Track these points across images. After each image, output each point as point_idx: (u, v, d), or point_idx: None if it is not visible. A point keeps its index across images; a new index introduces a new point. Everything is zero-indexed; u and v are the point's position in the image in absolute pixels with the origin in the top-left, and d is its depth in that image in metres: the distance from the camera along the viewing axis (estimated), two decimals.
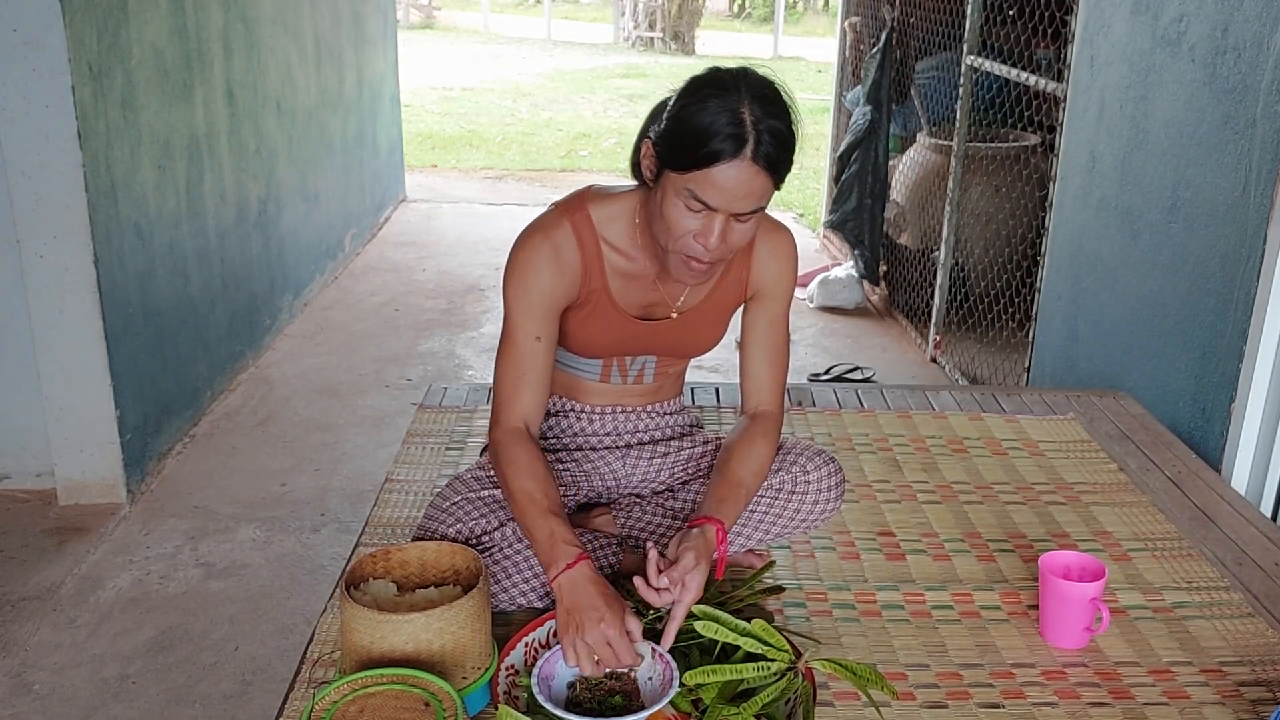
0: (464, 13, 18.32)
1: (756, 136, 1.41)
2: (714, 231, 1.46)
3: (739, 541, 1.75)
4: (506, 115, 10.36)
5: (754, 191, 1.44)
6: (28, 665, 2.46)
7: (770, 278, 1.70)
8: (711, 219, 1.46)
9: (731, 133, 1.40)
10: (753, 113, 1.41)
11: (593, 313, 1.66)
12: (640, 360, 1.76)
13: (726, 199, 1.44)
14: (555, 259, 1.60)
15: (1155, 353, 2.70)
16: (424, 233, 6.26)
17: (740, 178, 1.42)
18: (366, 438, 3.64)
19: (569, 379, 1.78)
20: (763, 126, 1.41)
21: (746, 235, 1.51)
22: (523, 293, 1.60)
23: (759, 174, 1.42)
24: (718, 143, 1.41)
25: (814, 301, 5.14)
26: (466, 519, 1.64)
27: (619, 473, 1.81)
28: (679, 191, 1.46)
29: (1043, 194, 3.71)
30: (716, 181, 1.42)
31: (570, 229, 1.61)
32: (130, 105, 3.16)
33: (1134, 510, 2.05)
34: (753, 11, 19.48)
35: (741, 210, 1.45)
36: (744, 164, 1.41)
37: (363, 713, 1.25)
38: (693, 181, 1.44)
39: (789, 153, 1.45)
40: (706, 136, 1.41)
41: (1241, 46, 2.37)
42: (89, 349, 2.99)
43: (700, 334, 1.73)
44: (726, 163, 1.41)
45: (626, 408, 1.81)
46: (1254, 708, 1.49)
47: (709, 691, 1.37)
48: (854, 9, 5.81)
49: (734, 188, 1.43)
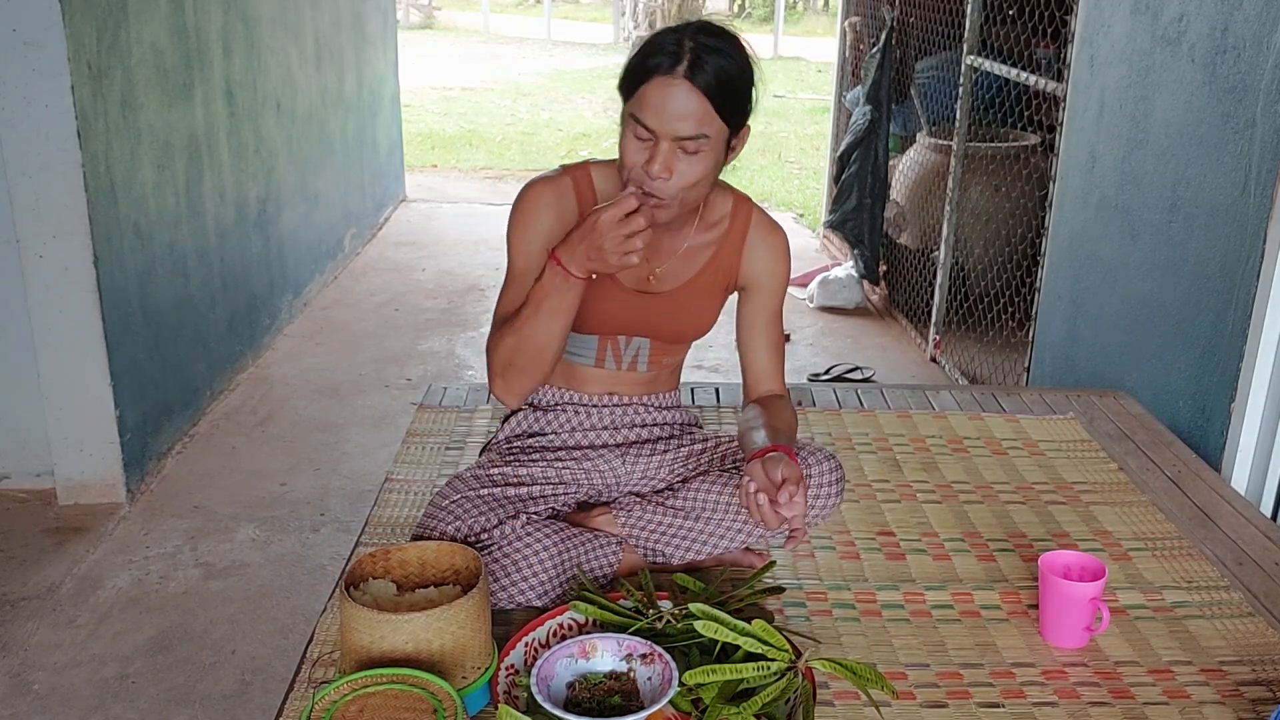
0: (464, 13, 18.32)
1: (693, 57, 1.48)
2: (658, 157, 1.51)
3: (739, 539, 1.74)
4: (506, 115, 10.36)
5: (690, 113, 1.49)
6: (28, 665, 2.46)
7: (763, 269, 1.75)
8: (657, 146, 1.51)
9: (669, 51, 1.49)
10: (694, 40, 1.50)
11: None
12: (634, 344, 1.78)
13: (662, 119, 1.49)
14: (556, 204, 1.68)
15: (1155, 353, 2.70)
16: (424, 233, 6.26)
17: (674, 94, 1.48)
18: (366, 438, 3.64)
19: (565, 365, 1.80)
20: (702, 53, 1.49)
21: (696, 172, 1.54)
22: (522, 234, 1.68)
23: (694, 94, 1.48)
24: (653, 60, 1.50)
25: (814, 301, 5.14)
26: (466, 517, 1.64)
27: (619, 470, 1.81)
28: (627, 120, 1.54)
29: (1042, 194, 3.71)
30: (651, 99, 1.49)
31: (571, 183, 1.69)
32: (130, 105, 3.16)
33: (1134, 510, 2.05)
34: (753, 11, 19.48)
35: (680, 133, 1.50)
36: (677, 81, 1.48)
37: (362, 713, 1.25)
38: (635, 106, 1.52)
39: (729, 85, 1.51)
40: (645, 57, 1.51)
41: (1241, 46, 2.37)
42: (89, 349, 2.99)
43: (690, 315, 1.76)
44: (661, 78, 1.49)
45: (622, 398, 1.82)
46: (1254, 707, 1.49)
47: (709, 691, 1.37)
48: (854, 9, 5.81)
49: (668, 105, 1.49)
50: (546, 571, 1.60)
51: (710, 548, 1.74)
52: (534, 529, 1.62)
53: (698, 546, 1.73)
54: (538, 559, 1.60)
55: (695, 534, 1.72)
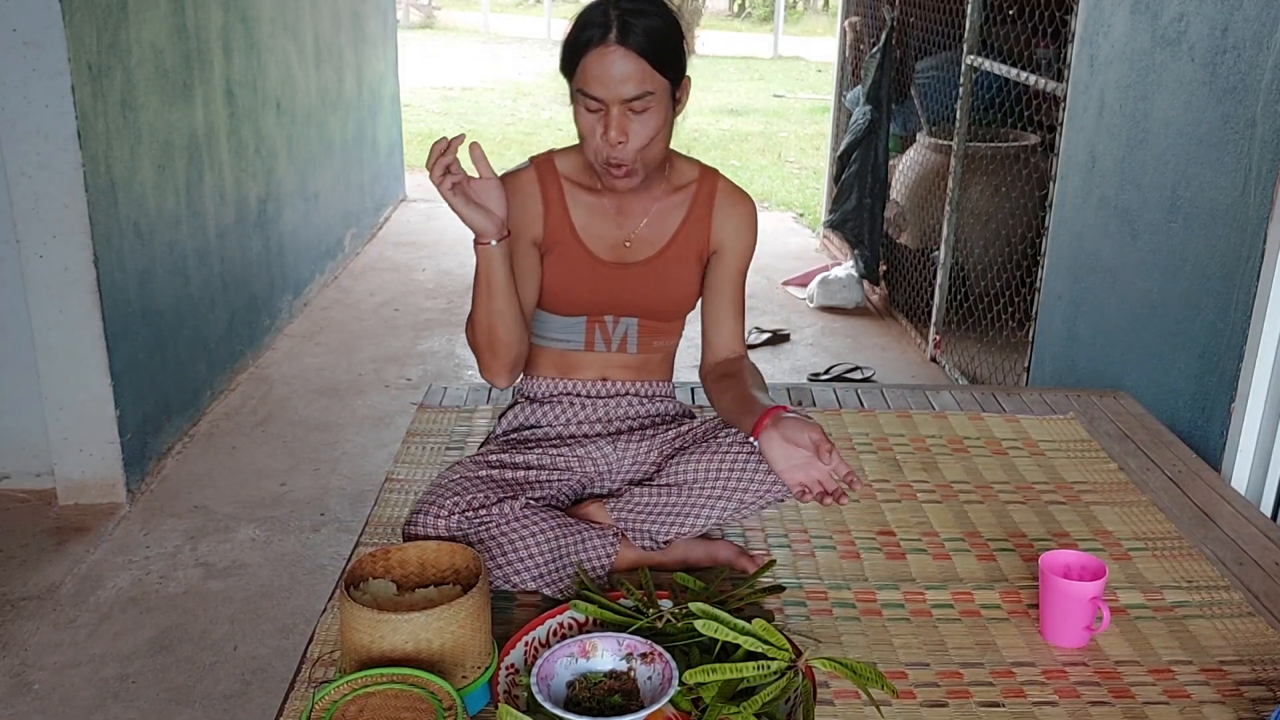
0: (464, 13, 18.32)
1: (621, 23, 1.57)
2: (611, 124, 1.60)
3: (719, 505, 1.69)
4: (506, 115, 10.36)
5: (630, 75, 1.58)
6: (28, 665, 2.46)
7: (730, 232, 1.81)
8: (608, 114, 1.60)
9: (598, 22, 1.58)
10: (618, 7, 1.59)
11: (564, 254, 1.77)
12: (622, 324, 1.81)
13: (605, 86, 1.58)
14: (519, 194, 1.73)
15: (1155, 353, 2.70)
16: (424, 233, 6.26)
17: (610, 60, 1.58)
18: (366, 438, 3.64)
19: (557, 354, 1.84)
20: (628, 16, 1.58)
21: (650, 128, 1.62)
22: None
23: (629, 56, 1.57)
24: (585, 34, 1.59)
25: (814, 301, 5.14)
26: (464, 494, 1.65)
27: (610, 458, 1.81)
28: (576, 97, 1.63)
29: (1043, 194, 3.71)
30: (592, 70, 1.59)
31: (534, 170, 1.78)
32: (130, 105, 3.16)
33: (1134, 510, 2.05)
34: (753, 11, 19.48)
35: (625, 95, 1.59)
36: (611, 48, 1.57)
37: (362, 712, 1.25)
38: (579, 80, 1.61)
39: (660, 41, 1.60)
40: (577, 32, 1.60)
41: (1241, 46, 2.37)
42: (89, 349, 3.00)
43: (670, 285, 1.80)
44: (596, 49, 1.58)
45: (615, 384, 1.85)
46: (1254, 707, 1.49)
47: (709, 691, 1.37)
48: (854, 9, 5.81)
49: (608, 72, 1.58)
50: (543, 554, 1.63)
51: (694, 519, 1.69)
52: (532, 512, 1.65)
53: (682, 520, 1.69)
54: (535, 541, 1.63)
55: (679, 508, 1.69)
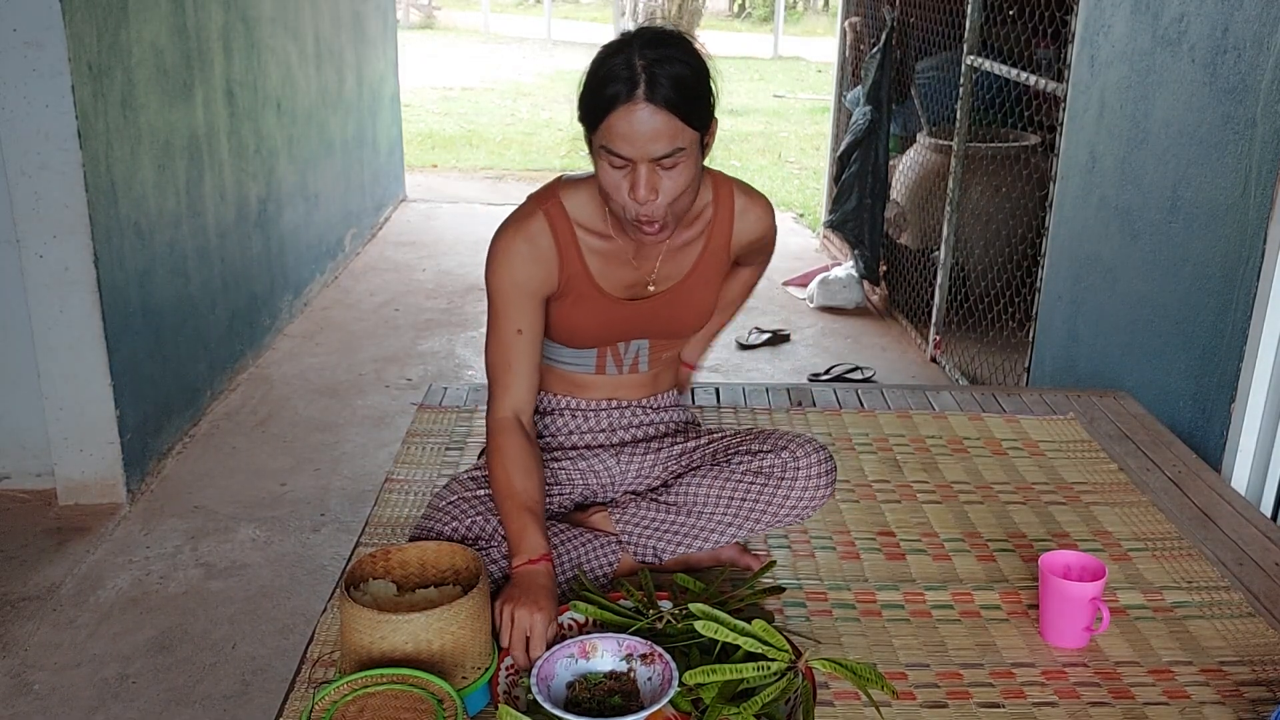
0: (464, 13, 18.32)
1: (649, 78, 1.46)
2: (640, 183, 1.49)
3: (731, 533, 1.72)
4: (506, 115, 10.36)
5: (660, 133, 1.47)
6: (28, 665, 2.46)
7: (755, 235, 1.78)
8: (635, 171, 1.49)
9: (624, 77, 1.46)
10: (644, 57, 1.46)
11: (578, 300, 1.68)
12: (634, 346, 1.77)
13: (634, 145, 1.47)
14: (531, 251, 1.64)
15: (1155, 353, 2.70)
16: (424, 233, 6.26)
17: (639, 118, 1.46)
18: (366, 438, 3.64)
19: (567, 376, 1.79)
20: (655, 69, 1.46)
21: (680, 184, 1.52)
22: (501, 287, 1.65)
23: (659, 114, 1.46)
24: (611, 89, 1.47)
25: (814, 301, 5.14)
26: (464, 517, 1.64)
27: (614, 470, 1.80)
28: (599, 152, 1.52)
29: (1043, 194, 3.71)
30: (619, 129, 1.47)
31: (544, 219, 1.65)
32: (130, 105, 3.16)
33: (1134, 510, 2.05)
34: (753, 11, 19.48)
35: (655, 154, 1.48)
36: (640, 105, 1.46)
37: (362, 713, 1.25)
38: (603, 136, 1.50)
39: (690, 92, 1.48)
40: (601, 86, 1.48)
41: (1241, 46, 2.37)
42: (89, 349, 2.99)
43: (689, 308, 1.75)
44: (623, 106, 1.46)
45: (624, 401, 1.81)
46: (1254, 707, 1.49)
47: (709, 691, 1.37)
48: (854, 9, 5.81)
49: (637, 131, 1.46)
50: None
51: (702, 542, 1.72)
52: None
53: (690, 542, 1.72)
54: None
55: (688, 529, 1.71)
